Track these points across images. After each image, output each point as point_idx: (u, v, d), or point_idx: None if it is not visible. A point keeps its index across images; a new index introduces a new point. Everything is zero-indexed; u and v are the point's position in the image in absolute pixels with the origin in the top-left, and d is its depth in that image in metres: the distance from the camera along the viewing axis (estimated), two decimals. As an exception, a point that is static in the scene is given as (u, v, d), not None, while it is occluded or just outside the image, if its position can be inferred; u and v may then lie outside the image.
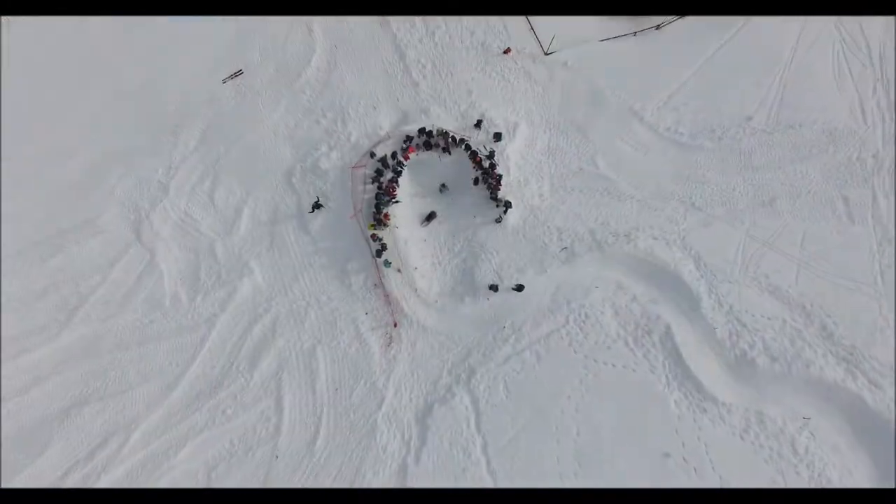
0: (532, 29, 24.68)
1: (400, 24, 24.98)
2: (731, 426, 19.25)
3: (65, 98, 25.48)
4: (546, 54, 24.30)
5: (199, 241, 23.96)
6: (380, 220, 22.35)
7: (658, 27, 24.44)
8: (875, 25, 22.28)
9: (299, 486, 20.71)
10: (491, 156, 22.44)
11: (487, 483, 19.67)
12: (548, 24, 24.38)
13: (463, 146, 22.32)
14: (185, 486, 21.21)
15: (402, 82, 24.38)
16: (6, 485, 21.34)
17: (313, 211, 23.16)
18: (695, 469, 19.03)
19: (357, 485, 20.10)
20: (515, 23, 24.61)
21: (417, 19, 25.18)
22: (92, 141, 25.14)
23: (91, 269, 23.94)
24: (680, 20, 24.23)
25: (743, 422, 19.24)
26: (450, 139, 22.53)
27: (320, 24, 25.73)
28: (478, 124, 23.23)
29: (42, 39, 26.25)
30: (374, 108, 24.18)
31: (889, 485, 18.20)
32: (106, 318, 23.36)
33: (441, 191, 23.32)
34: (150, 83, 25.64)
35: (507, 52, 24.06)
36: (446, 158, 23.01)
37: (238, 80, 25.59)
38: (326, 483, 20.42)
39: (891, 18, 22.40)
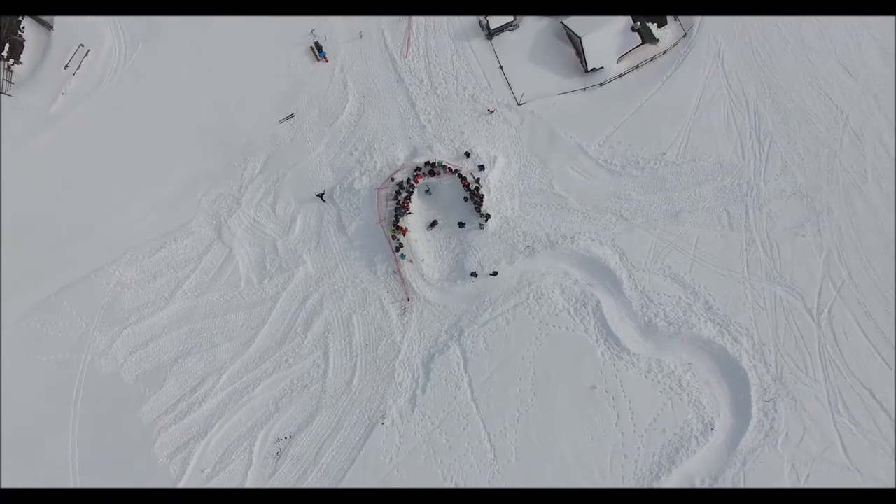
0: (509, 85, 33.49)
1: (411, 81, 33.79)
2: (638, 369, 28.04)
3: (165, 135, 34.26)
4: (518, 104, 33.05)
5: (265, 240, 32.76)
6: (398, 226, 31.20)
7: (602, 84, 33.18)
8: (751, 88, 31.04)
9: (341, 412, 29.64)
10: (477, 180, 31.26)
11: (471, 408, 28.53)
12: (520, 82, 33.20)
13: (456, 174, 31.18)
14: (260, 412, 30.15)
15: (413, 125, 33.10)
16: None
17: (323, 200, 32.04)
18: (613, 397, 27.86)
19: (383, 408, 29.00)
20: (496, 80, 33.39)
21: (425, 76, 34.02)
22: (184, 167, 33.88)
23: (185, 260, 32.75)
24: (617, 80, 32.99)
25: (647, 366, 28.02)
26: (447, 169, 31.39)
27: (353, 79, 34.55)
28: (467, 154, 32.00)
29: (145, 92, 35.12)
30: (393, 143, 32.94)
31: (738, 414, 26.96)
32: (198, 295, 32.21)
33: (427, 193, 31.87)
34: (225, 123, 34.31)
35: (491, 112, 32.74)
36: (446, 181, 31.89)
37: (291, 121, 34.38)
38: (360, 408, 29.34)
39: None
